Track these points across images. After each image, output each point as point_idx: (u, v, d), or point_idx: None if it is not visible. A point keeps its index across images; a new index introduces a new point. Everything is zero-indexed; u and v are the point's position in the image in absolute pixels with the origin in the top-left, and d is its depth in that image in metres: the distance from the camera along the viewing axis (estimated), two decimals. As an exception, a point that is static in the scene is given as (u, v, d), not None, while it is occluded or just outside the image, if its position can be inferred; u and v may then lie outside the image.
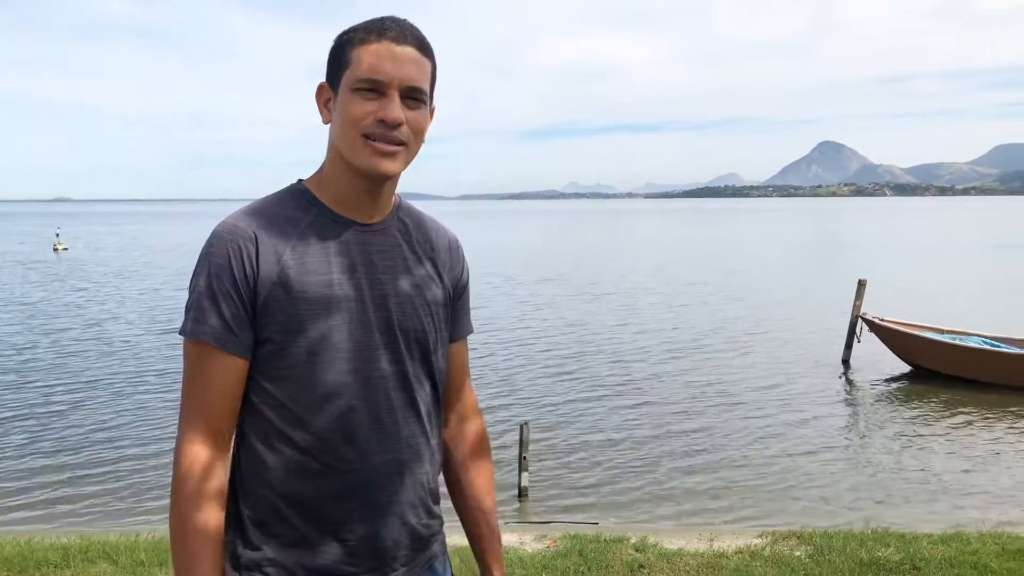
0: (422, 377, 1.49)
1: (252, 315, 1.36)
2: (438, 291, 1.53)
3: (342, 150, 1.40)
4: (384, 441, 1.42)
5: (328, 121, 1.44)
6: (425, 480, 1.50)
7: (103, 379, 11.39)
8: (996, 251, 38.09)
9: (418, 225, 1.55)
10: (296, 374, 1.37)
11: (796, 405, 10.17)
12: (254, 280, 1.35)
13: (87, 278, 26.01)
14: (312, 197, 1.45)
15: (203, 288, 1.36)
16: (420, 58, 1.39)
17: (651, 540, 5.19)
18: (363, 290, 1.42)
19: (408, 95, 1.38)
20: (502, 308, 18.82)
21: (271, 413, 1.38)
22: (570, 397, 10.55)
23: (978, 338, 11.53)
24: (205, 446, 1.36)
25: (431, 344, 1.50)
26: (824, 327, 15.21)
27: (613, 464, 7.96)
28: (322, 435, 1.38)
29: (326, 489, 1.39)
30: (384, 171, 1.39)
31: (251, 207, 1.43)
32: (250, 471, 1.41)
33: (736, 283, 24.16)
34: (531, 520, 6.39)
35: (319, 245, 1.40)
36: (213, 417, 1.37)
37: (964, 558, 4.71)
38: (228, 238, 1.37)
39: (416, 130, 1.40)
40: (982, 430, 9.10)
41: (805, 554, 4.91)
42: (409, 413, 1.46)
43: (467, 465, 1.65)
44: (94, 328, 15.80)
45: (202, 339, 1.35)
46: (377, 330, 1.42)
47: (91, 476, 7.59)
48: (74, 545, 5.04)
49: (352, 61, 1.37)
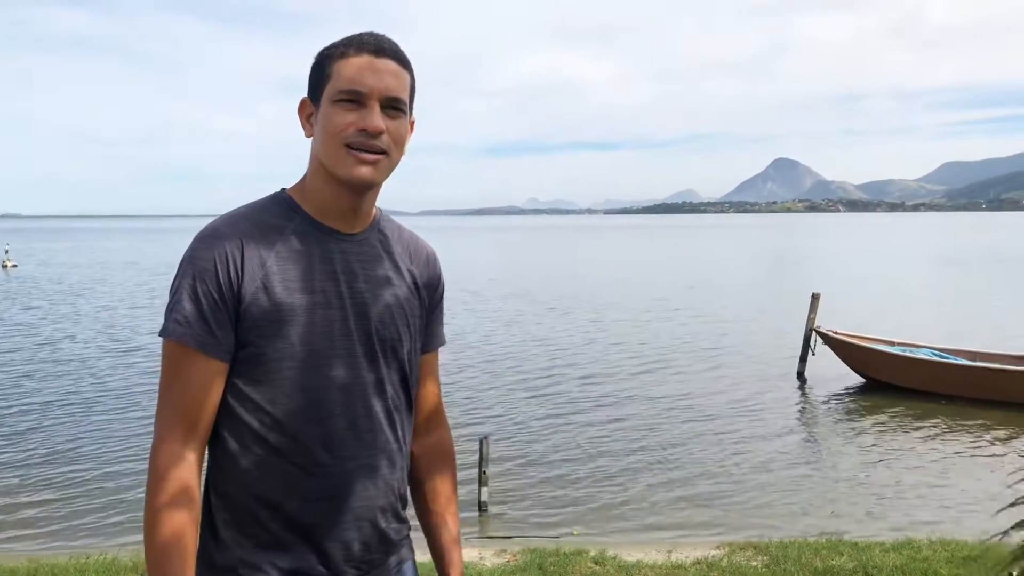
0: (397, 386, 1.53)
1: (234, 319, 1.38)
2: (415, 302, 1.57)
3: (324, 161, 1.43)
4: (359, 446, 1.45)
5: (311, 135, 1.47)
6: (396, 485, 1.53)
7: (55, 399, 11.11)
8: (945, 266, 39.06)
9: (398, 237, 1.59)
10: (276, 379, 1.39)
11: (752, 418, 10.29)
12: (238, 285, 1.37)
13: (42, 296, 25.34)
14: (294, 205, 1.47)
15: (186, 291, 1.37)
16: (399, 70, 1.43)
17: (610, 553, 5.21)
18: (344, 299, 1.45)
19: (388, 105, 1.41)
20: (464, 323, 18.78)
21: (249, 416, 1.40)
22: (530, 412, 10.55)
23: (928, 350, 11.79)
24: (181, 447, 1.36)
25: (406, 354, 1.54)
26: (779, 340, 15.43)
27: (572, 478, 7.98)
28: (299, 439, 1.40)
29: (301, 492, 1.41)
30: (366, 180, 1.42)
31: (234, 213, 1.45)
32: (225, 473, 1.43)
33: (694, 298, 24.42)
34: (491, 535, 6.38)
35: (302, 253, 1.43)
36: (190, 419, 1.37)
37: (915, 565, 4.81)
38: (214, 243, 1.39)
39: (397, 139, 1.44)
40: (932, 440, 9.30)
41: (762, 564, 4.98)
42: (385, 420, 1.49)
43: (432, 475, 1.68)
44: (47, 347, 15.40)
45: (182, 341, 1.36)
46: (357, 338, 1.45)
47: (41, 498, 7.38)
48: (22, 568, 4.91)
49: (333, 74, 1.41)
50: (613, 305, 22.66)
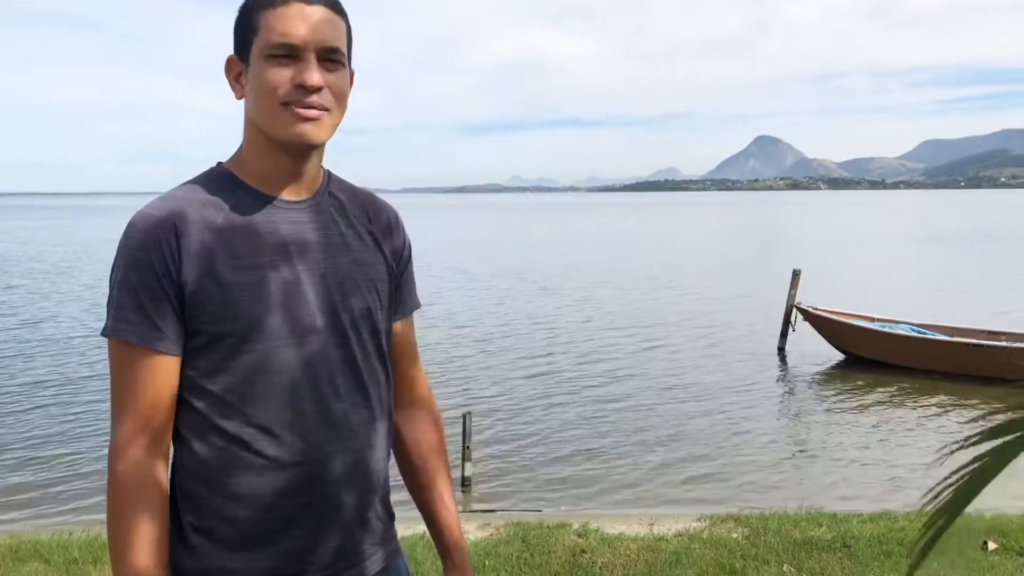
0: (372, 358, 1.41)
1: (179, 308, 1.27)
2: (380, 266, 1.44)
3: (260, 123, 1.31)
4: (333, 431, 1.33)
5: (241, 96, 1.35)
6: (380, 470, 1.41)
7: (41, 377, 11.02)
8: (923, 243, 39.40)
9: (353, 199, 1.46)
10: (232, 365, 1.28)
11: (733, 393, 10.39)
12: (177, 271, 1.26)
13: (26, 274, 24.96)
14: (233, 178, 1.36)
15: (122, 284, 1.28)
16: (333, 16, 1.31)
17: (593, 526, 5.26)
18: (298, 272, 1.33)
19: (326, 57, 1.29)
20: (450, 300, 18.77)
21: (208, 409, 1.30)
22: (512, 387, 10.60)
23: (906, 326, 11.93)
24: (140, 449, 1.27)
25: (380, 323, 1.42)
26: (760, 317, 15.54)
27: (555, 452, 8.04)
28: (266, 428, 1.29)
29: (274, 485, 1.30)
30: (309, 139, 1.30)
31: (168, 194, 1.34)
32: (190, 474, 1.32)
33: (675, 275, 24.51)
34: (474, 509, 6.42)
35: (246, 228, 1.31)
36: (145, 418, 1.28)
37: (891, 535, 4.90)
38: (145, 228, 1.28)
39: (338, 94, 1.32)
40: (910, 414, 9.44)
41: (742, 536, 5.04)
42: (359, 398, 1.38)
43: (420, 447, 1.57)
44: (29, 326, 15.23)
45: (125, 338, 1.27)
46: (318, 312, 1.34)
47: (24, 475, 7.36)
48: (4, 545, 4.89)
49: (261, 27, 1.28)
50: (596, 283, 22.70)
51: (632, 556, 4.66)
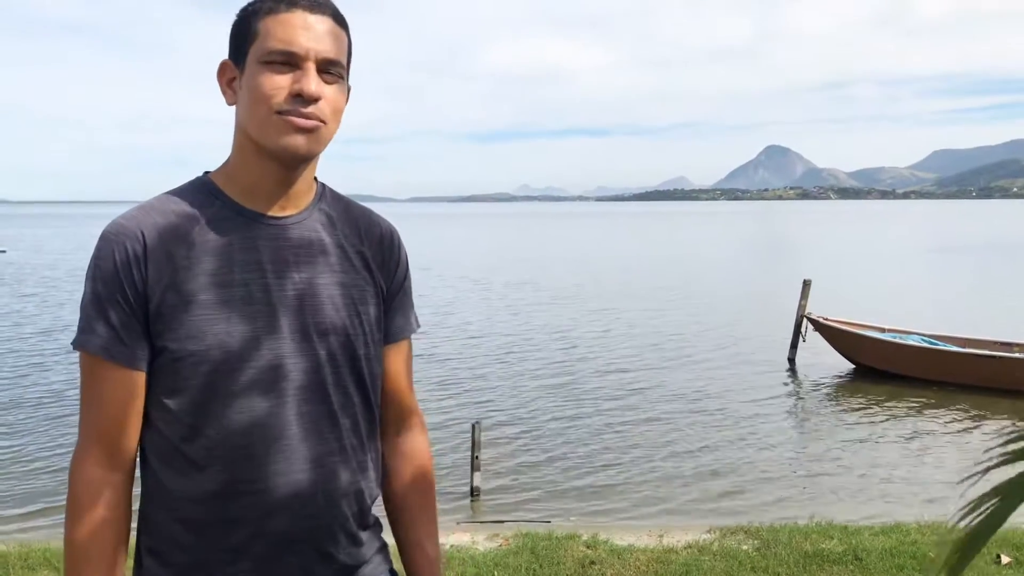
0: (348, 386, 1.34)
1: (145, 323, 1.23)
2: (367, 288, 1.37)
3: (251, 131, 1.26)
4: (292, 460, 1.27)
5: (233, 102, 1.31)
6: (348, 503, 1.33)
7: (56, 387, 11.08)
8: (934, 253, 39.23)
9: (345, 216, 1.40)
10: (194, 386, 1.23)
11: (743, 403, 10.34)
12: (143, 284, 1.22)
13: (40, 283, 25.03)
14: (215, 189, 1.31)
15: (89, 296, 1.25)
16: (336, 29, 1.28)
17: (602, 537, 5.24)
18: (271, 292, 1.27)
19: (325, 68, 1.25)
20: (460, 309, 18.79)
21: (169, 430, 1.26)
22: (521, 397, 10.58)
23: (918, 337, 11.86)
24: (100, 467, 1.25)
25: (360, 348, 1.35)
26: (771, 327, 15.48)
27: (564, 463, 8.01)
28: (221, 454, 1.24)
29: (226, 513, 1.25)
30: (300, 150, 1.25)
31: (144, 204, 1.29)
32: (150, 495, 1.29)
33: (685, 285, 24.46)
34: (483, 519, 6.40)
35: (219, 243, 1.27)
36: (108, 435, 1.25)
37: (904, 548, 4.85)
38: (113, 240, 1.24)
39: (334, 107, 1.28)
40: (922, 426, 9.37)
41: (752, 547, 5.01)
42: (326, 427, 1.31)
43: (404, 485, 1.49)
44: (43, 336, 15.33)
45: (89, 350, 1.24)
46: (288, 335, 1.28)
47: (35, 483, 7.37)
48: (14, 552, 4.90)
49: (260, 33, 1.24)
50: (606, 292, 22.69)
51: (641, 568, 4.64)
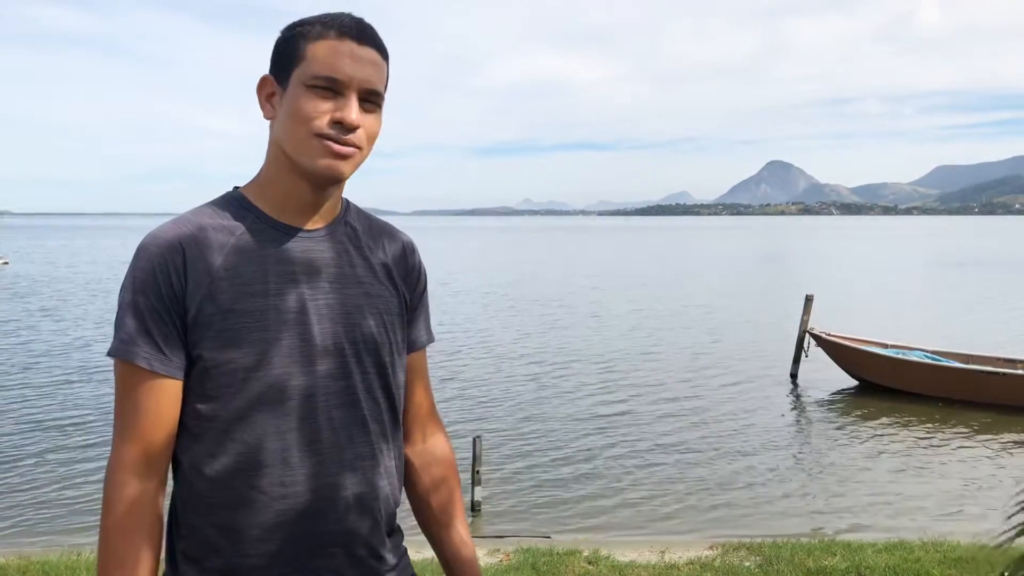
0: (376, 392, 1.39)
1: (183, 332, 1.28)
2: (392, 299, 1.43)
3: (288, 148, 1.31)
4: (325, 464, 1.32)
5: (271, 117, 1.35)
6: (377, 507, 1.39)
7: (45, 391, 11.08)
8: (937, 269, 39.21)
9: (368, 230, 1.46)
10: (228, 393, 1.28)
11: (745, 419, 10.31)
12: (182, 294, 1.27)
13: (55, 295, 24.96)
14: (248, 204, 1.36)
15: (129, 305, 1.28)
16: (379, 60, 1.33)
17: (603, 553, 5.21)
18: (305, 301, 1.32)
19: (366, 98, 1.31)
20: (461, 322, 18.78)
21: (205, 437, 1.29)
22: (523, 411, 10.56)
23: (921, 352, 11.83)
24: (136, 474, 1.27)
25: (386, 356, 1.40)
26: (773, 342, 15.46)
27: (566, 479, 7.98)
28: (257, 459, 1.28)
29: (260, 518, 1.29)
30: (336, 173, 1.31)
31: (180, 217, 1.34)
32: (185, 501, 1.32)
33: (688, 300, 24.44)
34: (484, 535, 6.37)
35: (255, 255, 1.31)
36: (145, 442, 1.27)
37: (907, 566, 4.83)
38: (154, 251, 1.28)
39: (370, 135, 1.33)
40: (924, 442, 9.33)
41: (755, 564, 4.98)
42: (357, 432, 1.36)
43: (434, 486, 1.56)
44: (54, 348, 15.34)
45: (129, 359, 1.27)
46: (321, 344, 1.33)
47: (33, 495, 7.36)
48: (12, 565, 4.89)
49: (307, 56, 1.29)
50: (608, 306, 22.68)
51: (643, 584, 4.61)
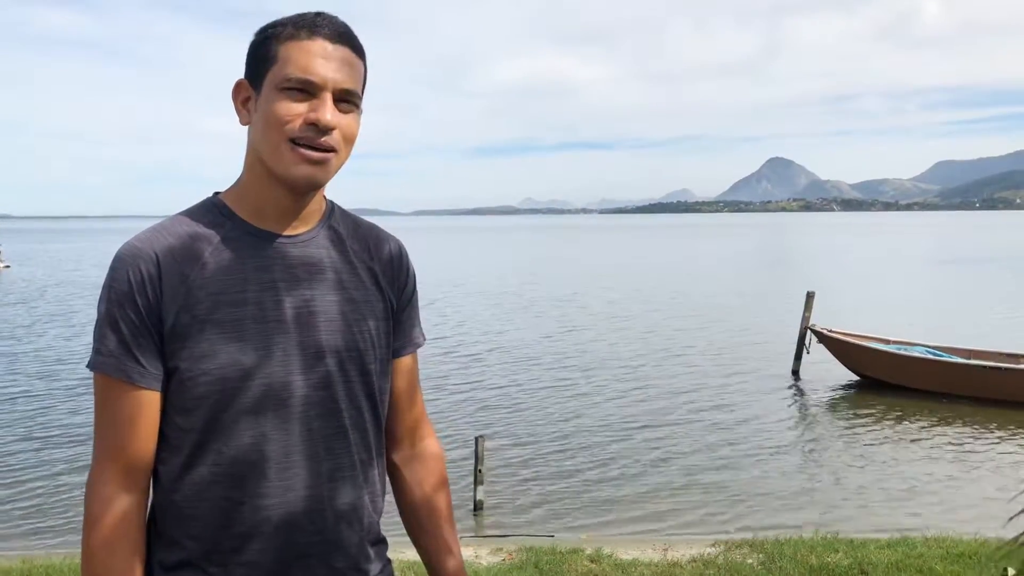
0: (359, 400, 1.36)
1: (160, 343, 1.25)
2: (377, 304, 1.40)
3: (264, 155, 1.28)
4: (302, 476, 1.30)
5: (247, 122, 1.32)
6: (358, 518, 1.36)
7: (46, 395, 11.09)
8: (938, 265, 39.17)
9: (354, 233, 1.43)
10: (206, 404, 1.25)
11: (747, 416, 10.31)
12: (158, 306, 1.24)
13: (52, 299, 25.09)
14: (226, 210, 1.33)
15: (104, 317, 1.26)
16: (354, 59, 1.29)
17: (606, 551, 5.21)
18: (284, 309, 1.29)
19: (341, 98, 1.27)
20: (457, 321, 18.78)
21: (183, 448, 1.27)
22: (525, 410, 10.56)
23: (922, 348, 11.82)
24: (117, 486, 1.25)
25: (370, 363, 1.37)
26: (775, 339, 15.45)
27: (568, 477, 7.98)
28: (233, 471, 1.27)
29: (238, 529, 1.27)
30: (309, 180, 1.28)
31: (157, 225, 1.31)
32: (163, 511, 1.30)
33: (690, 297, 24.44)
34: (487, 534, 6.37)
35: (233, 263, 1.29)
36: (124, 455, 1.26)
37: (910, 562, 4.82)
38: (128, 261, 1.26)
39: (347, 136, 1.29)
40: (926, 438, 9.32)
41: (757, 561, 4.98)
42: (337, 443, 1.33)
43: (423, 493, 1.51)
44: (54, 350, 15.36)
45: (106, 371, 1.25)
46: (300, 352, 1.30)
47: (36, 498, 7.37)
48: (16, 569, 4.89)
49: (279, 58, 1.25)
50: (611, 303, 22.67)
51: (646, 582, 4.61)
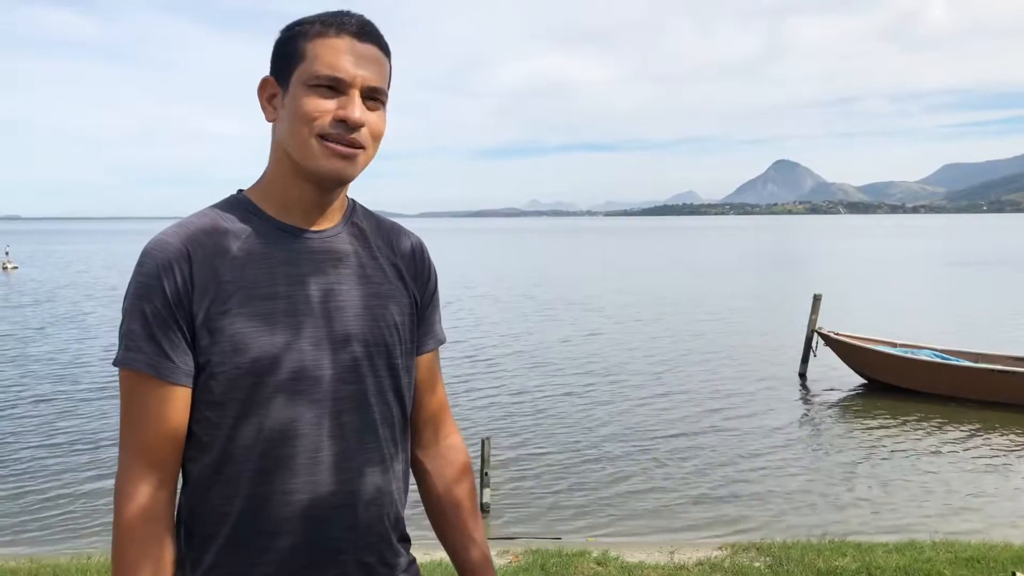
0: (387, 394, 1.37)
1: (190, 338, 1.25)
2: (403, 299, 1.40)
3: (291, 150, 1.28)
4: (334, 470, 1.30)
5: (273, 119, 1.33)
6: (386, 513, 1.37)
7: (56, 397, 11.12)
8: (946, 267, 39.04)
9: (377, 229, 1.43)
10: (236, 399, 1.25)
11: (754, 419, 10.28)
12: (189, 300, 1.24)
13: (63, 300, 25.11)
14: (253, 207, 1.33)
15: (134, 312, 1.24)
16: (381, 57, 1.30)
17: (612, 554, 5.21)
18: (313, 303, 1.30)
19: (369, 95, 1.28)
20: (464, 323, 18.77)
21: (213, 444, 1.27)
22: (531, 412, 10.55)
23: (929, 351, 11.78)
24: (147, 484, 1.24)
25: (397, 358, 1.38)
26: (781, 342, 15.42)
27: (574, 479, 7.97)
28: (264, 466, 1.26)
29: (269, 525, 1.27)
30: (339, 175, 1.28)
31: (184, 221, 1.31)
32: (193, 509, 1.30)
33: (696, 300, 24.39)
34: (493, 536, 6.37)
35: (261, 257, 1.29)
36: (154, 451, 1.25)
37: (918, 566, 4.80)
38: (158, 256, 1.25)
39: (375, 133, 1.30)
40: (934, 442, 9.28)
41: (764, 565, 4.97)
42: (367, 437, 1.34)
43: (448, 488, 1.51)
44: (62, 350, 15.41)
45: (135, 367, 1.24)
46: (330, 346, 1.30)
47: (44, 498, 7.38)
48: (23, 569, 4.90)
49: (307, 55, 1.26)
50: (617, 306, 22.64)
51: (653, 585, 4.60)
